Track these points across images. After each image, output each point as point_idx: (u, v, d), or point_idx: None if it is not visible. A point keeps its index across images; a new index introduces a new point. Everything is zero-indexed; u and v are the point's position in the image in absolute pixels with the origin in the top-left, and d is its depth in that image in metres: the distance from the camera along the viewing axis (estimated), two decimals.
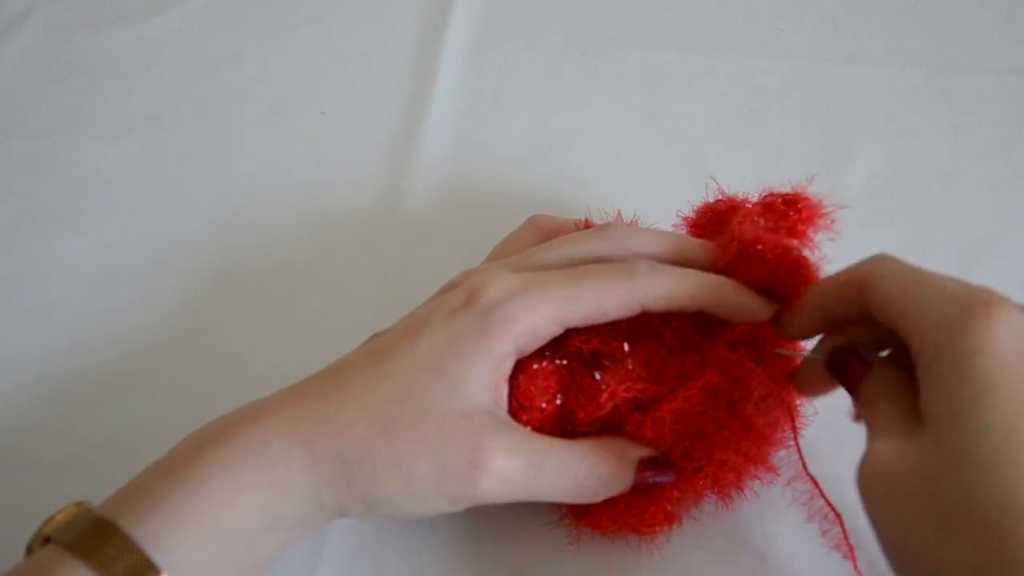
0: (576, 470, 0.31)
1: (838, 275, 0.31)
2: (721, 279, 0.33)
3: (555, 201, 0.47)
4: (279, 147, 0.51)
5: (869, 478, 0.27)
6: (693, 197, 0.38)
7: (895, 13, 0.56)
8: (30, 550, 0.29)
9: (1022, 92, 0.51)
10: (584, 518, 0.34)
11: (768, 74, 0.53)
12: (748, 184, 0.38)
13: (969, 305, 0.26)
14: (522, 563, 0.35)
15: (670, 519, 0.34)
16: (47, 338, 0.43)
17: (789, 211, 0.34)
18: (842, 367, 0.31)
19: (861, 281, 0.29)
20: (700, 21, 0.56)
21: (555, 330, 0.32)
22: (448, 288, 0.34)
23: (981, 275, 0.44)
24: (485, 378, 0.31)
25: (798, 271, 0.32)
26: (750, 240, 0.32)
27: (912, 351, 0.28)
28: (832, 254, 0.34)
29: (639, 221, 0.39)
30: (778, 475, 0.34)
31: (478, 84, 0.53)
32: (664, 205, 0.38)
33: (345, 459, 0.30)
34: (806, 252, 0.33)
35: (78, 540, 0.27)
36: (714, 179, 0.38)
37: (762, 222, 0.34)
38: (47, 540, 0.28)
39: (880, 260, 0.30)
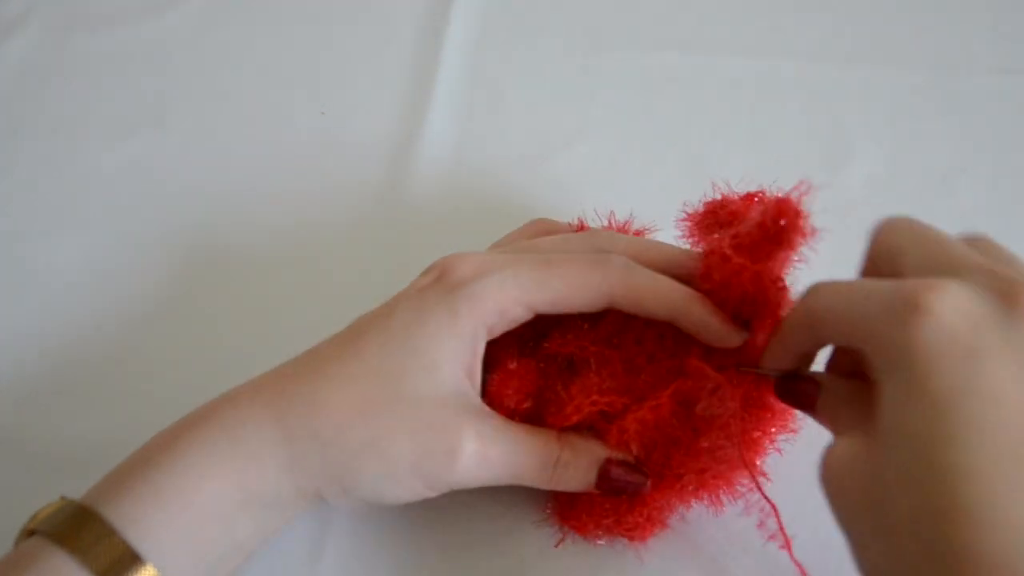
0: (543, 456, 0.32)
1: (788, 318, 0.31)
2: (694, 294, 0.32)
3: (555, 201, 0.47)
4: (279, 147, 0.51)
5: (826, 475, 0.27)
6: (693, 197, 0.38)
7: (895, 13, 0.56)
8: (17, 543, 0.29)
9: (1022, 92, 0.51)
10: (568, 519, 0.35)
11: (768, 74, 0.53)
12: (748, 185, 0.38)
13: (894, 306, 0.25)
14: (511, 562, 0.35)
15: (652, 523, 0.34)
16: (47, 338, 0.43)
17: (775, 222, 0.32)
18: (790, 392, 0.31)
19: (807, 320, 0.29)
20: (700, 21, 0.56)
21: (523, 313, 0.32)
22: (425, 271, 0.35)
23: None
24: (458, 361, 0.31)
25: (776, 300, 0.31)
26: (725, 273, 0.31)
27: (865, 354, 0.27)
28: (833, 254, 0.34)
29: (632, 221, 0.39)
30: (768, 479, 0.34)
31: (478, 84, 0.53)
32: (664, 205, 0.38)
33: (321, 437, 0.30)
34: (784, 277, 0.32)
35: (58, 529, 0.27)
36: (723, 185, 0.37)
37: (732, 254, 0.32)
38: (32, 534, 0.28)
39: (813, 293, 0.29)
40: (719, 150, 0.49)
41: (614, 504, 0.34)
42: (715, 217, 0.36)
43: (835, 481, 0.27)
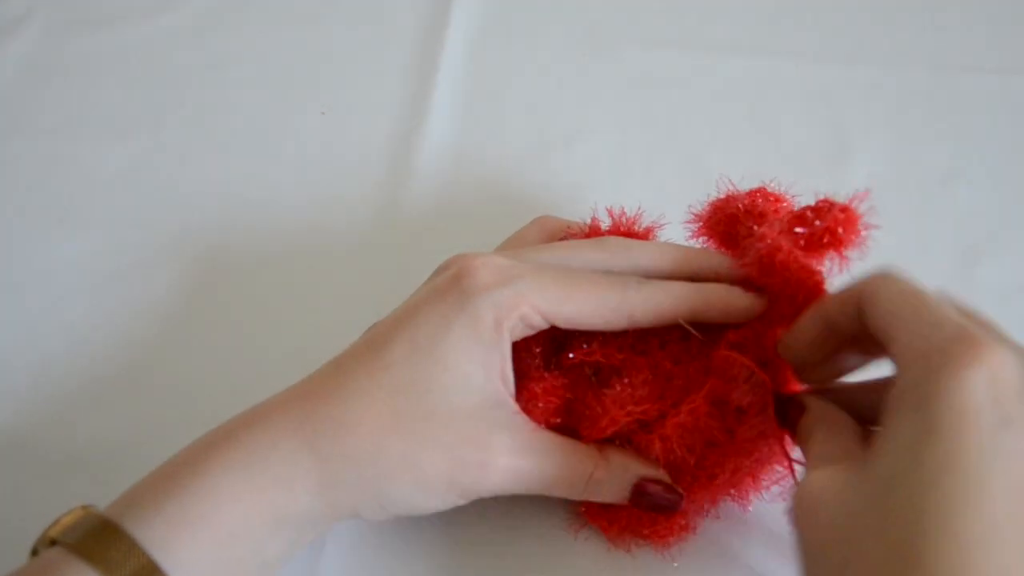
0: (576, 472, 0.32)
1: (843, 289, 0.30)
2: (709, 286, 0.33)
3: (555, 201, 0.47)
4: (279, 147, 0.51)
5: (799, 507, 0.27)
6: (693, 196, 0.38)
7: (895, 13, 0.56)
8: (35, 553, 0.29)
9: (1022, 92, 0.51)
10: (597, 520, 0.34)
11: (768, 74, 0.53)
12: (750, 182, 0.38)
13: (952, 345, 0.24)
14: (515, 562, 0.35)
15: (683, 529, 0.34)
16: (47, 338, 0.43)
17: (820, 223, 0.33)
18: (780, 411, 0.31)
19: (862, 295, 0.28)
20: (700, 21, 0.56)
21: (541, 323, 0.32)
22: (441, 270, 0.34)
23: (981, 275, 0.44)
24: (489, 368, 0.31)
25: (814, 295, 0.31)
26: (778, 261, 0.32)
27: (896, 376, 0.26)
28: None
29: (641, 215, 0.39)
30: (796, 477, 0.33)
31: (478, 84, 0.53)
32: (664, 205, 0.38)
33: (354, 458, 0.30)
34: (825, 274, 0.32)
35: (84, 542, 0.27)
36: (729, 180, 0.37)
37: (784, 242, 0.32)
38: (52, 543, 0.28)
39: (884, 278, 0.28)
40: (719, 150, 0.49)
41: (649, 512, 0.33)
42: (723, 214, 0.36)
43: (808, 514, 0.26)
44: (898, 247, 0.31)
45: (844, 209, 0.32)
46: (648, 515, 0.33)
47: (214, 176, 0.49)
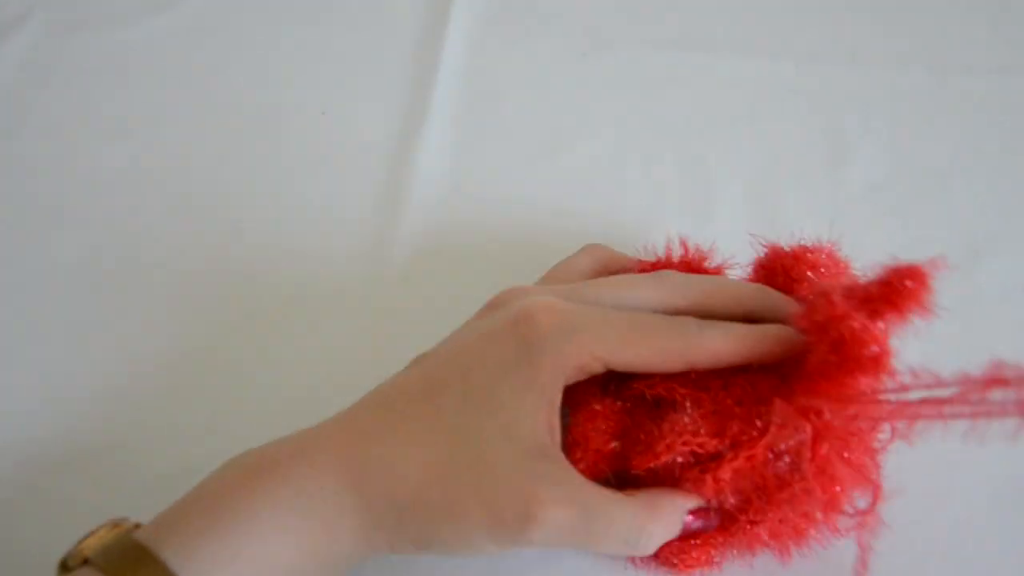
0: (627, 528, 0.31)
1: None
2: (769, 328, 0.32)
3: (555, 201, 0.47)
4: (279, 147, 0.51)
5: None
6: (693, 197, 0.38)
7: (895, 13, 0.56)
8: (64, 566, 0.28)
9: (1022, 92, 0.51)
10: None
11: (768, 74, 0.53)
12: (748, 183, 0.37)
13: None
14: (523, 563, 0.35)
15: (710, 562, 0.33)
16: (47, 338, 0.43)
17: (900, 283, 0.29)
18: None
19: None
20: (700, 21, 0.56)
21: (600, 369, 0.32)
22: (495, 306, 0.34)
23: (981, 275, 0.44)
24: (537, 417, 0.30)
25: (870, 359, 0.29)
26: (828, 316, 0.29)
27: None
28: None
29: (712, 253, 0.38)
30: (842, 536, 0.33)
31: (478, 84, 0.53)
32: (664, 205, 0.38)
33: (398, 503, 0.29)
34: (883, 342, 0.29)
35: (118, 570, 0.27)
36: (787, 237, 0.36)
37: (840, 300, 0.29)
38: (85, 560, 0.27)
39: None
40: (719, 150, 0.49)
41: (677, 540, 0.33)
42: (775, 266, 0.36)
43: None
44: (898, 247, 0.31)
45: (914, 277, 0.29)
46: (676, 546, 0.33)
47: (213, 176, 0.49)
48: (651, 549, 0.31)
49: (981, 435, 0.26)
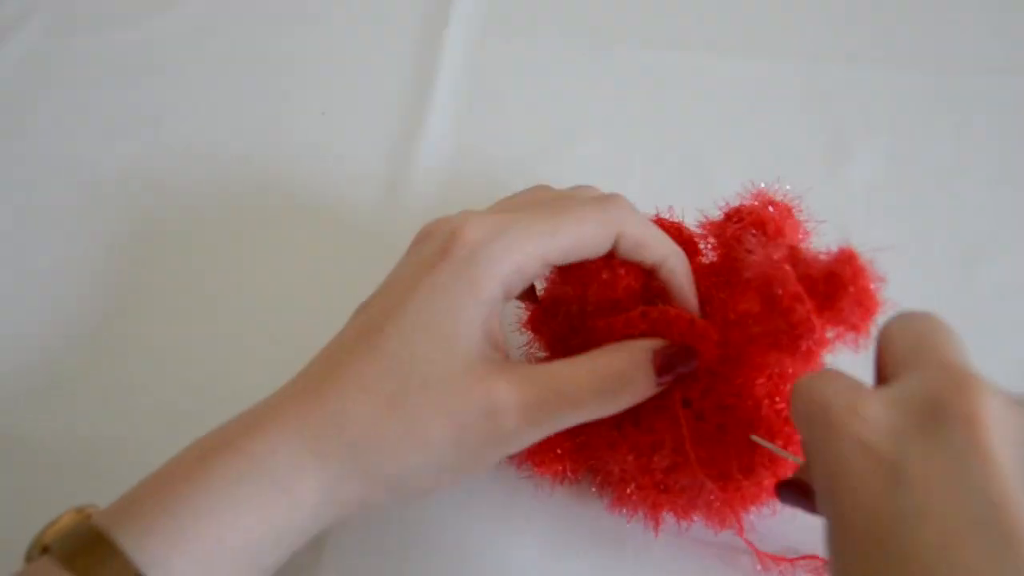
0: (593, 377, 0.30)
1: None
2: (684, 254, 0.34)
3: None
4: (279, 147, 0.51)
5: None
6: (693, 197, 0.38)
7: (895, 13, 0.56)
8: (29, 557, 0.28)
9: (1022, 92, 0.51)
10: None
11: (768, 74, 0.53)
12: (748, 183, 0.37)
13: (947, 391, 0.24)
14: (524, 564, 0.35)
15: (563, 472, 0.35)
16: (47, 337, 0.43)
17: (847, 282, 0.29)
18: (791, 497, 0.31)
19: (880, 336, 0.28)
20: (700, 21, 0.56)
21: (539, 267, 0.31)
22: (423, 238, 0.33)
23: (981, 275, 0.44)
24: (477, 327, 0.30)
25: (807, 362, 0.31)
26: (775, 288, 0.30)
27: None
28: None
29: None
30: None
31: (478, 84, 0.53)
32: (664, 205, 0.38)
33: (355, 445, 0.29)
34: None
35: (75, 556, 0.26)
36: (723, 200, 0.37)
37: (802, 291, 0.29)
38: (45, 548, 0.27)
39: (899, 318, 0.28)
40: (719, 150, 0.49)
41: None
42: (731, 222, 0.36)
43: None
44: (898, 247, 0.31)
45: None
46: (540, 449, 0.34)
47: (213, 176, 0.49)
48: (628, 394, 0.31)
49: None
